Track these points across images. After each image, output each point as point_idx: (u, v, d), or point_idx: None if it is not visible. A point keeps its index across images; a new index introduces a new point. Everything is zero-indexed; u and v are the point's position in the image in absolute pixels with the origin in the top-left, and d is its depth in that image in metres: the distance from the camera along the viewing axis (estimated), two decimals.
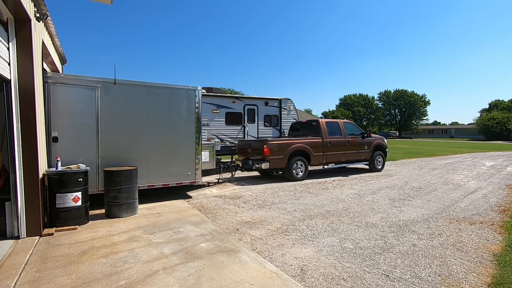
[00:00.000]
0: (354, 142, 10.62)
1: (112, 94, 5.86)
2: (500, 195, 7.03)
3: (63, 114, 5.41)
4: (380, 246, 3.92)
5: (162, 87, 6.46)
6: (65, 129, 5.42)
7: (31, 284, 2.92)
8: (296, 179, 9.26)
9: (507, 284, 2.93)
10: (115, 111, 5.91)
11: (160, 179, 6.45)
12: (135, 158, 6.11)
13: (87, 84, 5.62)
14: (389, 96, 75.69)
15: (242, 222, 5.05)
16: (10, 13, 3.89)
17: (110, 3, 5.53)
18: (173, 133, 6.60)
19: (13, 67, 3.99)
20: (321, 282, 3.00)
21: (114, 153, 5.90)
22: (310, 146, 9.54)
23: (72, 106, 5.50)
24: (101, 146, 5.77)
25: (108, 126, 5.83)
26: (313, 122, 10.60)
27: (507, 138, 51.59)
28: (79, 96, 5.56)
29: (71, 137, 5.48)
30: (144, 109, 6.23)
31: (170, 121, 6.55)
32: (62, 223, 4.61)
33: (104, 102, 5.78)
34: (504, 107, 67.81)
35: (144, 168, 6.17)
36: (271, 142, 8.88)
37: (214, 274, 3.12)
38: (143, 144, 6.22)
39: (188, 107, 6.77)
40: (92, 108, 5.68)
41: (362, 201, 6.50)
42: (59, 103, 5.37)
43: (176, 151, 6.64)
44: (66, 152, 5.38)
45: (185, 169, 6.78)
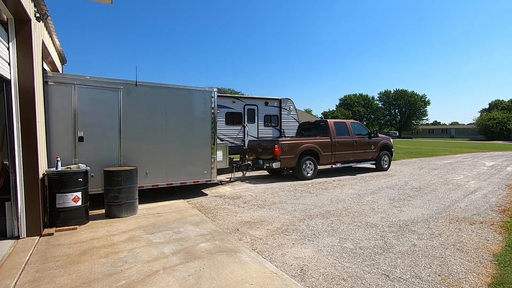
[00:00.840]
0: (361, 142, 10.79)
1: (133, 95, 6.10)
2: (500, 195, 7.03)
3: (88, 115, 5.64)
4: (380, 246, 3.92)
5: (180, 88, 6.70)
6: (90, 129, 5.65)
7: (31, 284, 2.92)
8: (306, 178, 9.41)
9: (507, 284, 2.93)
10: (136, 112, 6.14)
11: (178, 178, 6.69)
12: (155, 157, 6.36)
13: (110, 86, 5.86)
14: (389, 96, 75.67)
15: (242, 222, 5.05)
16: (10, 13, 3.89)
17: (110, 3, 5.53)
18: (190, 133, 6.83)
19: (13, 67, 3.99)
20: (321, 282, 3.00)
21: (135, 152, 6.13)
22: (319, 146, 9.73)
23: (96, 107, 5.73)
24: (123, 145, 5.99)
25: (130, 126, 6.06)
26: (321, 123, 10.80)
27: (507, 138, 51.58)
28: (103, 98, 5.80)
29: (95, 137, 5.70)
30: (163, 110, 6.46)
31: (187, 122, 6.77)
32: (62, 223, 4.61)
33: (126, 103, 6.02)
34: (504, 107, 67.82)
35: (163, 167, 6.44)
36: (282, 142, 9.08)
37: (214, 274, 3.12)
38: (162, 144, 6.46)
39: (205, 108, 7.00)
40: (115, 109, 5.93)
41: (362, 201, 6.50)
42: (84, 104, 5.59)
43: (193, 150, 6.88)
44: (91, 151, 5.64)
45: (202, 168, 7.03)
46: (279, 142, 9.01)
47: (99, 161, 5.65)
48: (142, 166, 6.13)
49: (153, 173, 6.34)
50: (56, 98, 5.34)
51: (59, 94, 5.36)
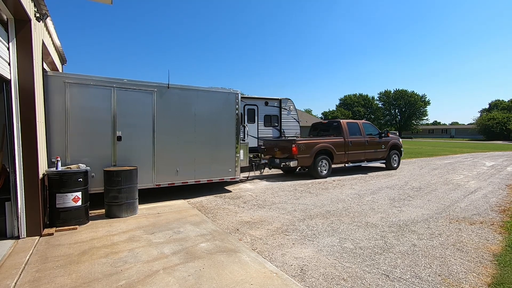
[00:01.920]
0: (373, 141, 11.16)
1: (165, 97, 6.45)
2: (500, 195, 7.03)
3: (126, 116, 6.00)
4: (380, 246, 3.92)
5: (207, 90, 7.08)
6: (127, 129, 6.01)
7: (31, 284, 2.92)
8: (321, 176, 9.77)
9: (507, 284, 2.93)
10: (168, 113, 6.49)
11: (205, 175, 7.09)
12: (184, 156, 6.75)
13: (145, 88, 6.22)
14: (389, 96, 75.67)
15: (242, 222, 5.04)
16: (10, 13, 3.89)
17: (110, 3, 5.52)
18: (217, 133, 7.22)
19: (13, 67, 3.99)
20: (321, 282, 3.00)
21: (167, 151, 6.50)
22: (333, 146, 10.08)
23: (132, 108, 6.08)
24: (156, 145, 6.35)
25: (162, 126, 6.42)
26: (334, 123, 11.12)
27: (507, 138, 51.59)
28: (138, 99, 6.16)
29: (131, 137, 6.06)
30: (192, 111, 6.83)
31: (214, 122, 7.16)
32: (62, 223, 4.61)
33: (159, 105, 6.38)
34: (504, 107, 67.81)
35: (191, 165, 6.84)
36: (299, 142, 9.40)
37: (214, 274, 3.12)
38: (191, 143, 6.83)
39: (229, 109, 7.39)
40: (149, 110, 6.28)
41: (362, 201, 6.49)
42: (122, 105, 5.95)
43: (218, 149, 7.26)
44: (127, 150, 6.02)
45: (227, 166, 7.41)
46: (296, 141, 9.32)
47: (135, 159, 6.06)
48: (173, 164, 6.57)
49: (183, 171, 6.72)
50: (97, 100, 5.72)
51: (100, 96, 5.73)
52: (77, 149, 5.52)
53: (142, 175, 6.02)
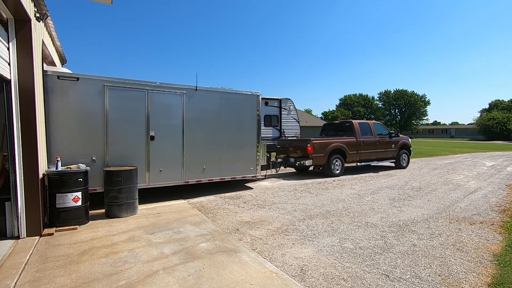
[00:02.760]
0: (383, 141, 11.49)
1: (193, 99, 6.83)
2: (500, 195, 7.03)
3: (158, 117, 6.35)
4: (380, 246, 3.92)
5: (231, 92, 7.45)
6: (159, 129, 6.37)
7: (31, 284, 2.92)
8: (335, 175, 10.15)
9: (507, 284, 2.93)
10: (196, 114, 6.88)
11: (229, 173, 7.46)
12: (210, 154, 7.14)
13: (175, 90, 6.58)
14: (389, 96, 75.66)
15: (242, 222, 5.04)
16: (10, 13, 3.89)
17: (110, 3, 5.52)
18: (239, 132, 7.61)
19: (13, 67, 3.99)
20: (321, 282, 3.00)
21: (195, 150, 6.88)
22: (346, 145, 10.44)
23: (164, 109, 6.45)
24: (185, 144, 6.73)
25: (191, 127, 6.80)
26: (346, 123, 11.42)
27: (507, 138, 51.56)
28: (169, 101, 6.52)
29: (163, 136, 6.42)
30: (217, 112, 7.22)
31: (237, 123, 7.55)
32: (62, 223, 4.61)
33: (188, 106, 6.75)
34: (504, 107, 67.80)
35: (217, 163, 7.23)
36: (314, 142, 9.78)
37: (214, 274, 3.12)
38: (216, 143, 7.22)
39: (251, 110, 7.79)
40: (179, 111, 6.65)
41: (362, 201, 6.50)
42: (155, 107, 6.30)
43: (241, 148, 7.66)
44: (160, 149, 6.40)
45: (248, 165, 7.81)
46: (311, 141, 9.70)
47: (167, 157, 6.47)
48: (200, 162, 6.97)
49: (209, 169, 7.12)
50: (133, 101, 6.08)
51: (135, 98, 6.10)
52: (115, 149, 5.88)
53: (172, 173, 6.57)
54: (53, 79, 5.24)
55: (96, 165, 5.63)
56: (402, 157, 12.15)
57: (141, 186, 6.03)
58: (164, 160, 6.42)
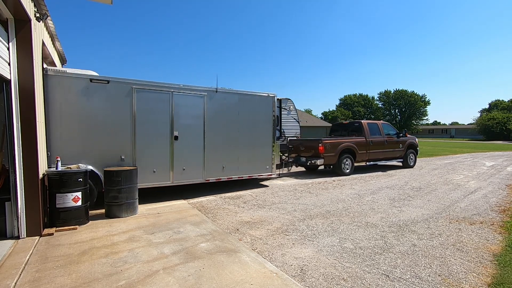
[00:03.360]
0: (391, 141, 11.80)
1: (214, 100, 7.13)
2: (500, 195, 7.03)
3: (181, 117, 6.66)
4: (380, 246, 3.92)
5: (249, 94, 7.75)
6: (182, 129, 6.66)
7: (31, 284, 2.92)
8: (345, 174, 10.46)
9: (507, 284, 2.93)
10: (216, 115, 7.16)
11: (247, 172, 7.78)
12: (230, 153, 7.43)
13: (197, 92, 6.88)
14: (389, 96, 75.62)
15: (242, 222, 5.04)
16: (10, 13, 3.89)
17: (110, 3, 5.53)
18: (256, 133, 7.92)
19: (13, 67, 3.99)
20: (321, 282, 3.00)
21: (215, 149, 7.18)
22: (356, 145, 10.73)
23: (187, 110, 6.73)
24: (206, 143, 7.03)
25: (211, 127, 7.09)
26: (355, 123, 11.71)
27: (507, 138, 51.56)
28: (192, 103, 6.81)
29: (186, 136, 6.72)
30: (236, 113, 7.52)
31: (254, 123, 7.85)
32: (62, 223, 4.61)
33: (209, 107, 7.04)
34: (504, 107, 67.77)
35: (235, 162, 7.53)
36: (325, 141, 10.09)
37: (214, 274, 3.12)
38: (235, 142, 7.52)
39: (267, 111, 8.09)
40: (201, 113, 6.94)
41: (362, 201, 6.50)
42: (179, 108, 6.60)
43: (258, 148, 7.96)
44: (183, 148, 6.67)
45: (264, 163, 8.11)
46: (323, 141, 10.02)
47: (189, 157, 6.77)
48: (220, 161, 7.26)
49: (229, 168, 7.43)
50: (159, 103, 6.34)
51: (161, 100, 6.38)
52: (142, 149, 6.17)
53: (194, 171, 6.88)
54: (86, 82, 5.54)
55: (124, 164, 5.94)
56: (409, 157, 12.43)
57: (165, 184, 6.46)
58: (186, 159, 6.73)
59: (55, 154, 5.17)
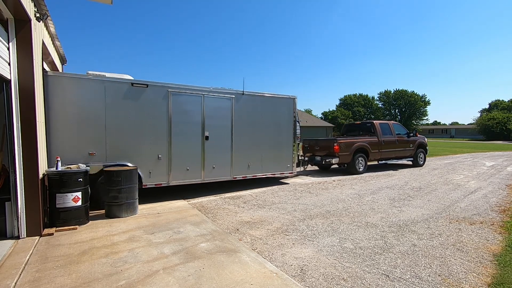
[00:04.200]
0: (402, 140, 12.15)
1: (240, 102, 7.55)
2: (500, 195, 7.03)
3: (211, 118, 7.03)
4: (380, 246, 3.92)
5: (271, 96, 8.17)
6: (212, 130, 7.07)
7: (31, 284, 2.92)
8: (358, 172, 10.78)
9: (507, 284, 2.93)
10: (242, 116, 7.59)
11: (270, 170, 8.20)
12: (254, 152, 7.85)
13: (226, 95, 7.30)
14: (389, 96, 75.66)
15: (242, 222, 5.04)
16: (10, 13, 3.89)
17: (110, 3, 5.52)
18: (278, 133, 8.32)
19: (13, 67, 3.99)
20: (321, 282, 3.00)
21: (242, 148, 7.60)
22: (369, 145, 11.08)
23: (216, 112, 7.14)
24: (234, 143, 7.45)
25: (238, 128, 7.51)
26: (367, 124, 12.05)
27: (507, 138, 51.55)
28: (220, 105, 7.23)
29: (216, 136, 7.14)
30: (260, 114, 7.95)
31: (276, 124, 8.26)
32: (62, 223, 4.61)
33: (236, 109, 7.47)
34: (504, 107, 67.77)
35: (259, 161, 7.94)
36: (340, 141, 10.45)
37: (214, 274, 3.12)
38: (259, 142, 7.95)
39: (288, 112, 8.48)
40: (228, 114, 7.36)
41: (362, 201, 6.49)
42: (209, 110, 6.99)
43: (280, 147, 8.36)
44: (213, 147, 7.09)
45: (286, 162, 8.50)
46: (338, 141, 10.38)
47: (218, 156, 7.19)
48: (246, 160, 7.69)
49: (253, 166, 7.84)
50: (191, 105, 6.77)
51: (193, 102, 6.80)
52: (177, 148, 6.57)
53: (222, 170, 7.30)
54: (128, 86, 5.98)
55: (161, 162, 6.37)
56: (419, 156, 12.72)
57: (196, 181, 6.93)
58: (216, 158, 7.16)
59: (102, 154, 5.76)
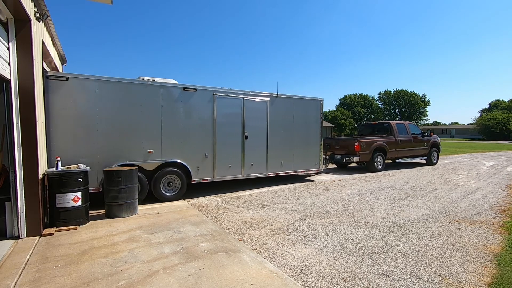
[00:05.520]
0: (417, 140, 12.66)
1: (274, 105, 8.15)
2: (500, 195, 7.03)
3: (249, 120, 7.66)
4: (380, 246, 3.92)
5: (301, 98, 8.75)
6: (250, 130, 7.71)
7: (31, 284, 2.92)
8: (377, 170, 11.36)
9: (507, 284, 2.93)
10: (276, 117, 8.18)
11: (300, 167, 8.79)
12: (286, 151, 8.43)
13: (262, 98, 7.92)
14: (389, 96, 75.57)
15: (242, 222, 5.04)
16: (10, 13, 3.89)
17: (110, 3, 5.52)
18: (307, 133, 8.91)
19: (13, 67, 3.99)
20: (321, 282, 3.00)
21: (275, 147, 8.18)
22: (387, 144, 11.62)
23: (254, 113, 7.76)
24: (269, 143, 8.07)
25: (272, 128, 8.12)
26: (384, 124, 12.69)
27: (507, 138, 51.55)
28: (257, 107, 7.85)
29: (253, 136, 7.76)
30: (291, 115, 8.53)
31: (305, 124, 8.85)
32: (62, 223, 4.61)
33: (270, 110, 8.07)
34: (504, 107, 67.71)
35: (290, 159, 8.52)
36: (361, 140, 10.98)
37: (214, 274, 3.12)
38: (290, 141, 8.52)
39: (315, 113, 9.07)
40: (264, 115, 7.99)
41: (362, 201, 6.50)
42: (248, 111, 7.62)
43: (309, 146, 8.94)
44: (250, 147, 7.72)
45: (314, 160, 9.09)
46: (358, 140, 10.90)
47: (256, 154, 7.81)
48: (279, 158, 8.24)
49: (285, 164, 8.41)
50: (233, 107, 7.39)
51: (234, 104, 7.42)
52: (221, 147, 7.18)
53: (259, 167, 7.92)
54: (180, 90, 6.59)
55: (207, 160, 6.99)
56: (433, 155, 13.24)
57: (237, 178, 7.55)
58: (253, 156, 7.78)
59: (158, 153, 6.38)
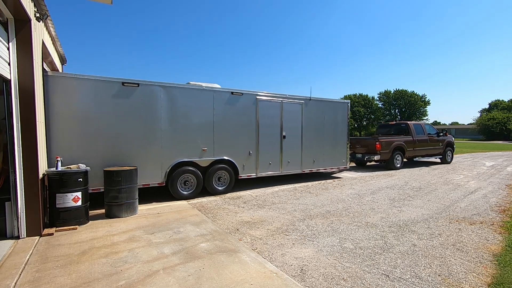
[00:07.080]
0: (433, 139, 13.25)
1: (308, 107, 8.84)
2: (500, 195, 7.03)
3: (287, 121, 8.32)
4: (380, 246, 3.92)
5: (330, 101, 9.49)
6: (288, 130, 8.37)
7: (31, 284, 2.92)
8: (396, 168, 11.96)
9: (507, 284, 2.93)
10: (309, 118, 8.87)
11: (329, 164, 9.49)
12: (317, 149, 9.11)
13: (298, 100, 8.61)
14: (389, 96, 75.50)
15: (242, 222, 5.04)
16: (10, 13, 3.89)
17: (110, 3, 5.52)
18: (336, 132, 9.60)
19: (13, 67, 3.99)
20: (321, 282, 3.00)
21: (308, 146, 8.87)
22: (405, 143, 12.22)
23: (290, 115, 8.43)
24: (303, 142, 8.76)
25: (306, 128, 8.81)
26: (402, 124, 13.24)
27: (507, 138, 51.51)
28: (293, 109, 8.50)
29: (290, 136, 8.45)
30: (322, 117, 9.24)
31: (335, 124, 9.57)
32: (62, 223, 4.61)
33: (304, 112, 8.75)
34: (504, 107, 67.65)
35: (321, 157, 9.23)
36: (381, 140, 11.55)
37: (214, 274, 3.12)
38: (321, 141, 9.22)
39: (343, 115, 9.81)
40: (299, 117, 8.65)
41: (362, 201, 6.49)
42: (285, 113, 8.29)
43: (336, 145, 9.63)
44: (288, 146, 8.40)
45: (341, 158, 9.79)
46: (379, 139, 11.47)
47: (292, 152, 8.50)
48: (311, 156, 8.95)
49: (317, 161, 9.12)
50: (273, 110, 8.07)
51: (274, 107, 8.09)
52: (262, 146, 7.87)
53: (294, 164, 8.59)
54: (229, 94, 7.25)
55: (251, 157, 7.68)
56: (447, 154, 13.79)
57: (276, 174, 8.23)
58: (290, 154, 8.45)
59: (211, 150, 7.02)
